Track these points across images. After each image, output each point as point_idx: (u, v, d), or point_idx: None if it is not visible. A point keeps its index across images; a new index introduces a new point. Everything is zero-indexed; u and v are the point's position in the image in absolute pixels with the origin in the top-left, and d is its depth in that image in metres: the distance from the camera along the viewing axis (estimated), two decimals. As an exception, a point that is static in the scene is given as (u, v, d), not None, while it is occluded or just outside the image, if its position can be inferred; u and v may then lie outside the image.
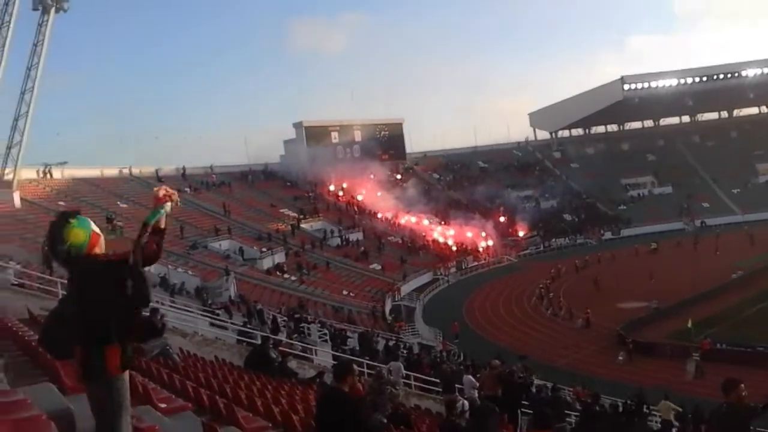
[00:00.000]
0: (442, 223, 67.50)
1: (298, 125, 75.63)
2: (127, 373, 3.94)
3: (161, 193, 3.94)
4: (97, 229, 3.92)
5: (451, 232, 66.06)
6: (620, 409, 19.53)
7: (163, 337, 11.39)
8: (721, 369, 23.65)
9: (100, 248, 3.92)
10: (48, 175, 47.76)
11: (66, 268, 3.90)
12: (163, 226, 3.95)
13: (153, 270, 33.52)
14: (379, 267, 53.78)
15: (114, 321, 3.78)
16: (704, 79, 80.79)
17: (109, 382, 3.81)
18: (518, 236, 69.95)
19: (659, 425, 19.95)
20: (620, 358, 31.36)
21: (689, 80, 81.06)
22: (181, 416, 6.05)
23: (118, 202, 46.69)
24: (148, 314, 12.09)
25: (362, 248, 56.42)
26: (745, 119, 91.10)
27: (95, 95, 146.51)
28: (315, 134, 75.22)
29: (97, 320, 3.75)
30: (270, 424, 7.01)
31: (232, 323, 21.62)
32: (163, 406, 6.00)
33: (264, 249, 47.61)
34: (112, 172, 54.79)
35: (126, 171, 56.21)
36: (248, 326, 20.77)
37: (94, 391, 3.88)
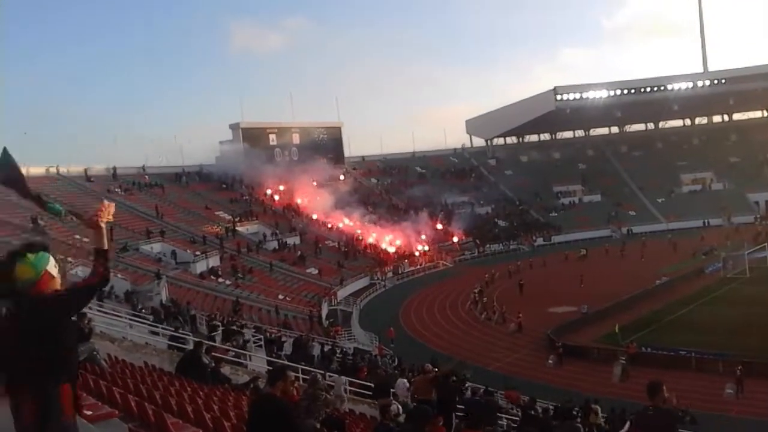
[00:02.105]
0: (380, 227, 67.68)
1: (234, 126, 74.52)
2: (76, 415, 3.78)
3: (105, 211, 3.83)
4: (53, 270, 3.70)
5: (388, 236, 66.35)
6: (551, 412, 19.97)
7: (89, 342, 11.00)
8: (647, 372, 24.58)
9: (52, 289, 3.70)
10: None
11: (8, 303, 3.65)
12: (105, 247, 3.83)
13: (81, 273, 32.42)
14: (316, 271, 53.49)
15: (64, 358, 3.64)
16: (632, 91, 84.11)
17: (65, 427, 3.61)
18: (453, 241, 70.83)
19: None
20: (550, 361, 32.12)
21: (618, 92, 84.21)
22: (108, 423, 5.86)
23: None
24: (74, 318, 11.67)
25: (299, 252, 56.01)
26: (670, 131, 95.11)
27: (22, 92, 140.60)
28: (252, 136, 74.25)
29: (47, 359, 3.57)
30: (200, 431, 6.86)
31: (163, 328, 21.07)
32: (88, 413, 5.79)
33: (198, 252, 46.65)
34: (38, 171, 52.67)
35: (53, 170, 54.16)
36: (180, 331, 20.28)
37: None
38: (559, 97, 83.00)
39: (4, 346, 3.62)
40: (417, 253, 65.24)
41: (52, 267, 3.73)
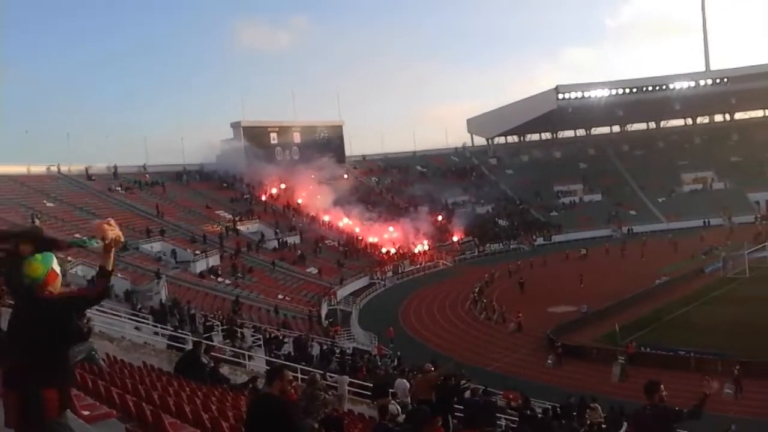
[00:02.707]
0: (380, 226, 67.67)
1: (236, 125, 74.49)
2: (66, 415, 3.84)
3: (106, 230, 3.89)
4: (57, 268, 3.87)
5: (389, 235, 66.36)
6: (551, 412, 20.01)
7: (88, 342, 11.02)
8: (646, 372, 24.53)
9: (54, 288, 3.85)
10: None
11: (15, 300, 3.86)
12: (110, 268, 3.96)
13: (80, 272, 32.46)
14: (316, 271, 53.51)
15: (54, 362, 3.71)
16: (634, 90, 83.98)
17: (49, 426, 3.67)
18: (453, 241, 70.84)
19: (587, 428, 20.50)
20: (549, 361, 32.13)
21: (620, 91, 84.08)
22: (105, 424, 5.88)
23: (45, 201, 44.98)
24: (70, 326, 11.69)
25: (299, 251, 56.02)
26: (672, 130, 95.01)
27: (23, 90, 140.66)
28: (253, 135, 74.21)
29: (37, 361, 3.65)
30: (198, 431, 6.88)
31: (163, 328, 21.11)
32: (86, 413, 5.81)
33: (198, 252, 46.66)
34: (39, 169, 52.71)
35: (54, 169, 54.19)
36: (179, 331, 20.31)
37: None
38: (560, 96, 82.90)
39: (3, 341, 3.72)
40: (417, 251, 65.27)
41: (56, 265, 3.88)
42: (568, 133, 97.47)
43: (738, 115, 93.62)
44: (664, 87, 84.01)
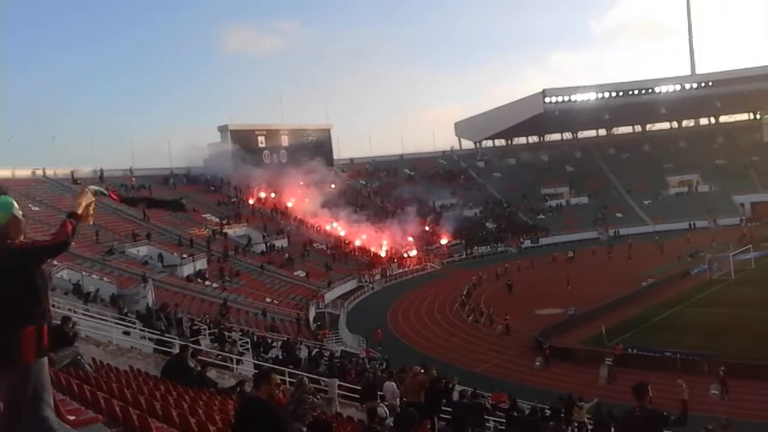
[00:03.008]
0: (368, 229, 67.64)
1: (223, 128, 74.19)
2: (45, 359, 3.81)
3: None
4: (19, 213, 3.81)
5: (377, 238, 66.37)
6: (538, 413, 20.08)
7: (74, 346, 10.93)
8: (633, 373, 24.69)
9: (20, 232, 3.80)
10: (-46, 176, 45.23)
11: None
12: (80, 212, 3.95)
13: (66, 276, 32.21)
14: (304, 274, 53.39)
15: (27, 304, 3.70)
16: (620, 94, 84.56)
17: (27, 368, 3.67)
18: (441, 243, 70.94)
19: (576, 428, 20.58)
20: (537, 363, 32.26)
21: (606, 95, 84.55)
22: (91, 428, 5.81)
23: (31, 205, 44.57)
24: (58, 322, 11.62)
25: (287, 255, 55.88)
26: (657, 133, 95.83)
27: (8, 94, 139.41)
28: (241, 138, 73.97)
29: (9, 305, 3.64)
30: (185, 435, 6.84)
31: (150, 332, 20.96)
32: (71, 418, 5.75)
33: (185, 255, 46.41)
34: (24, 173, 52.28)
35: (39, 172, 53.76)
36: (166, 335, 20.16)
37: (8, 379, 3.69)
38: (547, 99, 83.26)
39: None
40: (405, 255, 65.34)
41: (17, 210, 3.82)
42: (555, 137, 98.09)
43: (723, 119, 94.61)
44: (649, 90, 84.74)
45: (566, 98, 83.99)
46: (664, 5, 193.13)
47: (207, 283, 43.88)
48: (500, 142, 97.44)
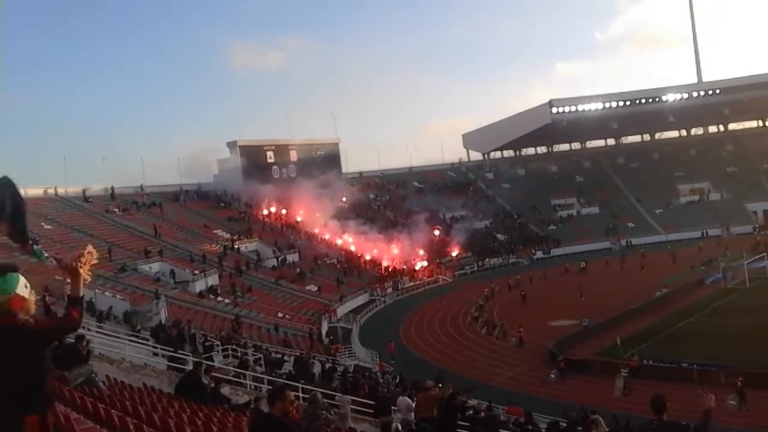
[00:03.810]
0: (378, 242, 67.61)
1: (232, 144, 74.55)
2: None
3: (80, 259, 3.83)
4: (23, 292, 3.66)
5: (387, 252, 66.33)
6: (556, 427, 19.86)
7: (88, 364, 10.94)
8: (649, 385, 24.48)
9: (24, 312, 3.65)
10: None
11: None
12: (80, 294, 3.83)
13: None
14: (316, 288, 53.38)
15: (31, 390, 3.56)
16: (627, 103, 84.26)
17: None
18: (452, 256, 70.79)
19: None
20: (552, 375, 31.98)
21: (614, 104, 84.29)
22: (106, 448, 5.80)
23: (43, 224, 44.84)
24: (72, 341, 11.63)
25: (298, 269, 55.90)
26: (666, 142, 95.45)
27: (18, 113, 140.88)
28: (250, 153, 74.34)
29: (12, 390, 3.50)
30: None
31: (162, 349, 20.98)
32: (86, 437, 5.74)
33: (197, 271, 46.50)
34: (36, 192, 52.60)
35: (51, 191, 54.11)
36: (179, 352, 20.17)
37: None
38: (554, 110, 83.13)
39: None
40: (417, 268, 65.25)
41: (23, 288, 3.68)
42: (564, 147, 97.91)
43: (732, 126, 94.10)
44: (657, 99, 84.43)
45: (573, 108, 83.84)
46: (667, 14, 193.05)
47: (219, 298, 43.92)
48: (508, 153, 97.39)
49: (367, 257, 65.20)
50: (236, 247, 56.55)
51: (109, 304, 32.44)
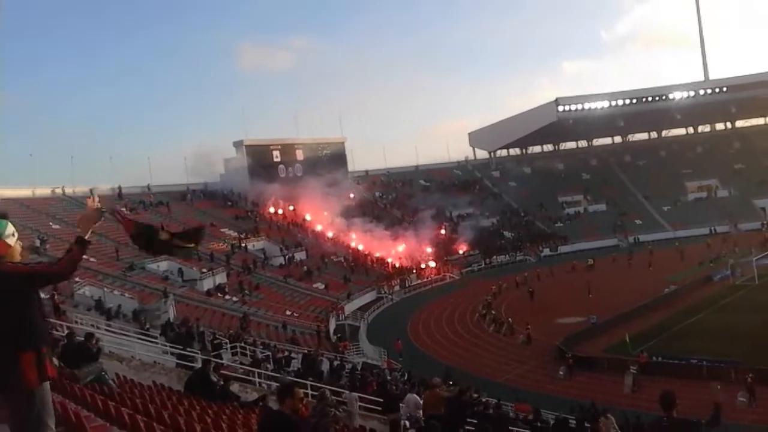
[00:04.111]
0: (385, 240, 67.61)
1: (238, 144, 74.68)
2: (47, 384, 3.77)
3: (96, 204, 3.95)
4: (10, 240, 3.75)
5: (394, 250, 66.33)
6: (564, 424, 19.81)
7: (98, 362, 10.98)
8: (658, 382, 24.39)
9: (10, 257, 3.74)
10: (-25, 196, 45.85)
11: None
12: (87, 236, 3.93)
13: (88, 293, 32.45)
14: (323, 286, 53.44)
15: (23, 329, 3.65)
16: (634, 101, 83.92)
17: (30, 393, 3.63)
18: (459, 254, 70.73)
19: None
20: (561, 372, 31.92)
21: (620, 102, 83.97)
22: (117, 445, 5.81)
23: (51, 223, 45.04)
24: (82, 339, 11.67)
25: (305, 267, 55.98)
26: (673, 139, 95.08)
27: (25, 114, 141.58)
28: (256, 153, 74.43)
29: (3, 329, 3.60)
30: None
31: (171, 347, 21.05)
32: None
33: (204, 270, 46.61)
34: (44, 191, 52.84)
35: (59, 191, 54.33)
36: (188, 349, 20.23)
37: (12, 404, 3.67)
38: (561, 108, 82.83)
39: None
40: (423, 266, 65.23)
41: (10, 236, 3.76)
42: (570, 145, 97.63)
43: (739, 123, 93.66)
44: (663, 97, 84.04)
45: (580, 106, 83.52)
46: (673, 13, 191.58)
47: (227, 297, 44.02)
48: (515, 152, 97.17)
49: (377, 255, 65.15)
50: (243, 245, 56.69)
51: (118, 302, 32.59)
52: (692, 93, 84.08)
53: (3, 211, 3.89)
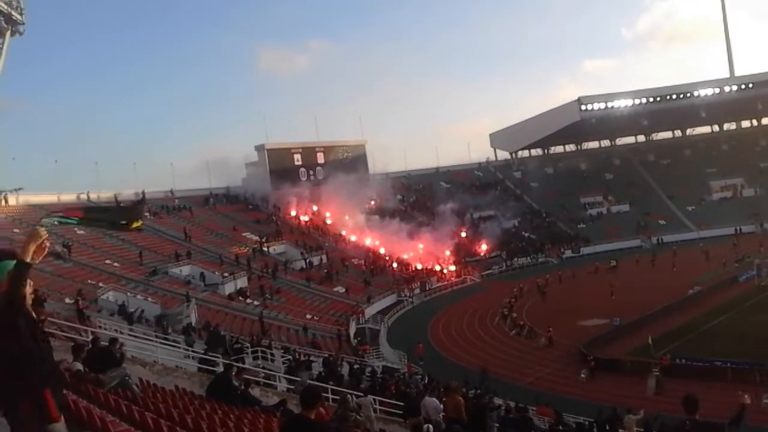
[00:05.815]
0: (406, 243, 67.56)
1: (260, 148, 75.18)
2: (57, 425, 3.70)
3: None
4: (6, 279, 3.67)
5: (415, 252, 66.28)
6: (586, 427, 19.71)
7: (122, 367, 11.14)
8: (681, 384, 24.12)
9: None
10: (3, 201, 46.61)
11: None
12: (28, 259, 3.73)
13: (111, 298, 32.86)
14: (343, 290, 53.56)
15: (17, 368, 3.57)
16: (658, 99, 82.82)
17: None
18: (481, 256, 70.47)
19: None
20: (582, 375, 31.70)
21: (643, 101, 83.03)
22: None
23: (76, 229, 45.67)
24: (106, 344, 11.85)
25: (326, 271, 56.17)
26: (698, 138, 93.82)
27: (52, 120, 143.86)
28: (277, 157, 74.91)
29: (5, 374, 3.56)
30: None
31: (194, 351, 21.27)
32: (121, 439, 5.86)
33: (226, 274, 46.98)
34: (69, 197, 53.58)
35: (84, 196, 55.08)
36: (210, 354, 20.41)
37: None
38: (583, 107, 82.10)
39: None
40: (444, 269, 65.08)
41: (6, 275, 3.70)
42: (593, 144, 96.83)
43: (765, 120, 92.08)
44: (688, 95, 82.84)
45: (603, 105, 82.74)
46: (694, 9, 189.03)
47: (248, 301, 44.32)
48: (536, 152, 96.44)
49: (398, 258, 65.13)
50: (265, 249, 57.03)
51: (141, 307, 32.92)
52: (717, 90, 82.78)
53: (12, 251, 3.85)
